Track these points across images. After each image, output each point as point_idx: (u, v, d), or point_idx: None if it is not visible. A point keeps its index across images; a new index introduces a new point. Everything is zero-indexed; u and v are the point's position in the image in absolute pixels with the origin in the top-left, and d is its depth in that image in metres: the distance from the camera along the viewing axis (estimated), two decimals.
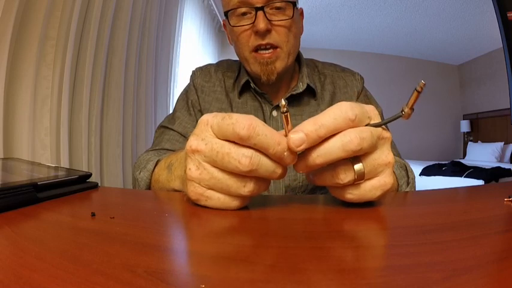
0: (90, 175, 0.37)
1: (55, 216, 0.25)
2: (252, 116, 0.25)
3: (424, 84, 0.25)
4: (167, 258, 0.17)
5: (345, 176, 0.26)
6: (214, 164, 0.26)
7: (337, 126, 0.25)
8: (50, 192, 0.30)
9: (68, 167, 0.66)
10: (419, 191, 0.39)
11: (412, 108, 0.27)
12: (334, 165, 0.27)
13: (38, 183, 0.29)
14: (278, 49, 0.56)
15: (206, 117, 0.27)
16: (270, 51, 0.56)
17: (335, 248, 0.19)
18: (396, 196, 0.38)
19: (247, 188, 0.26)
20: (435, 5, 3.15)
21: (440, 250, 0.18)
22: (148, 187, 0.48)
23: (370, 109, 0.27)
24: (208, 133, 0.26)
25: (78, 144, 1.13)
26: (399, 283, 0.14)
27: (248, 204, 0.28)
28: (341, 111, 0.25)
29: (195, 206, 0.28)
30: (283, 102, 0.26)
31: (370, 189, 0.27)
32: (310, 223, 0.25)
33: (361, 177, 0.26)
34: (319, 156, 0.25)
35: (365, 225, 0.25)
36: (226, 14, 0.58)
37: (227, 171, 0.26)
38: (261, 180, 0.27)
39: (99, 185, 0.37)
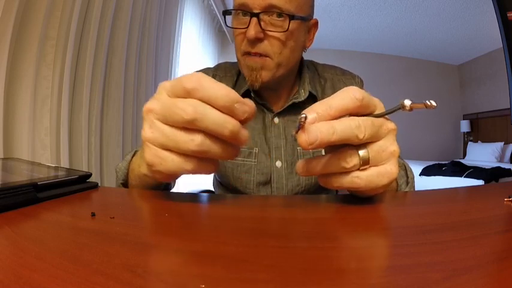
0: (90, 175, 0.37)
1: (55, 216, 0.25)
2: (200, 73, 0.26)
3: (435, 107, 0.25)
4: (167, 258, 0.17)
5: (350, 159, 0.27)
6: (165, 121, 0.26)
7: (345, 107, 0.26)
8: (50, 192, 0.30)
9: (68, 167, 0.66)
10: (419, 191, 0.39)
11: (411, 109, 0.27)
12: (339, 151, 0.27)
13: (38, 183, 0.29)
14: (268, 58, 0.54)
15: (164, 83, 0.28)
16: (258, 57, 0.54)
17: (335, 248, 0.19)
18: (396, 196, 0.38)
19: (195, 141, 0.26)
20: (435, 5, 3.16)
21: (440, 250, 0.18)
22: (126, 177, 0.46)
23: (377, 101, 0.29)
24: (163, 95, 0.27)
25: (78, 144, 1.13)
26: (399, 283, 0.14)
27: (210, 171, 0.28)
28: (348, 92, 0.26)
29: (195, 206, 0.28)
30: (303, 115, 0.26)
31: (377, 175, 0.27)
32: (310, 223, 0.25)
33: (365, 163, 0.27)
34: (335, 133, 0.25)
35: (365, 225, 0.25)
36: (224, 13, 0.57)
37: (176, 126, 0.26)
38: (212, 138, 0.26)
39: (99, 185, 0.37)
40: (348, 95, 0.26)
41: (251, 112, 0.27)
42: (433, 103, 0.25)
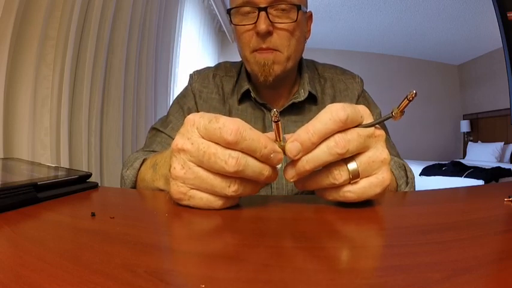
0: (90, 175, 0.37)
1: (55, 216, 0.25)
2: (238, 120, 0.26)
3: (416, 94, 0.25)
4: (167, 258, 0.17)
5: (340, 176, 0.27)
6: (200, 164, 0.26)
7: (329, 130, 0.26)
8: (50, 192, 0.30)
9: (68, 167, 0.66)
10: (419, 191, 0.39)
11: (402, 112, 0.27)
12: (328, 167, 0.27)
13: (38, 183, 0.29)
14: (278, 52, 0.55)
15: (193, 117, 0.27)
16: (270, 53, 0.55)
17: (335, 248, 0.19)
18: (396, 196, 0.38)
19: (232, 188, 0.26)
20: (435, 5, 3.15)
21: (440, 250, 0.18)
22: (134, 185, 0.48)
23: (362, 109, 0.28)
24: (195, 134, 0.26)
25: (78, 144, 1.13)
26: (399, 283, 0.14)
27: (233, 204, 0.28)
28: (331, 114, 0.26)
29: (194, 207, 0.28)
30: (275, 112, 0.27)
31: (369, 186, 0.27)
32: (311, 223, 0.25)
33: (356, 176, 0.27)
34: (308, 161, 0.26)
35: (365, 225, 0.25)
36: (229, 11, 0.57)
37: (212, 171, 0.26)
38: (248, 181, 0.27)
39: (99, 185, 0.37)
40: (331, 118, 0.26)
41: (281, 160, 0.28)
42: (413, 92, 0.25)
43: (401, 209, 0.31)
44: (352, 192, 0.27)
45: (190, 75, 0.69)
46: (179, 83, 2.20)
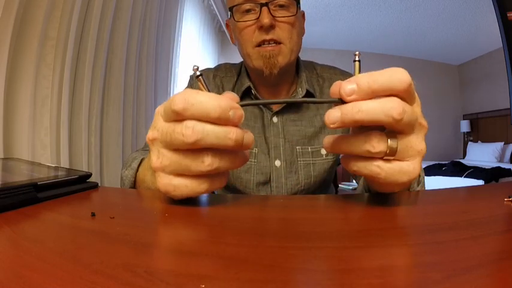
0: (90, 175, 0.37)
1: (55, 216, 0.25)
2: (188, 89, 0.25)
3: (359, 54, 0.24)
4: (167, 258, 0.17)
5: (377, 144, 0.25)
6: (169, 147, 0.26)
7: (391, 85, 0.24)
8: (50, 192, 0.30)
9: (68, 167, 0.66)
10: (419, 191, 0.39)
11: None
12: (368, 133, 0.25)
13: (38, 183, 0.29)
14: (281, 45, 0.57)
15: (158, 108, 0.28)
16: (273, 45, 0.56)
17: (335, 248, 0.19)
18: (396, 196, 0.38)
19: (206, 162, 0.25)
20: (435, 5, 3.16)
21: (440, 250, 0.18)
22: (133, 185, 0.48)
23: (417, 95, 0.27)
24: (160, 121, 0.27)
25: (78, 144, 1.13)
26: (399, 283, 0.14)
27: (220, 187, 0.28)
28: (398, 72, 0.24)
29: (195, 207, 0.28)
30: (194, 67, 0.27)
31: (399, 170, 0.26)
32: (310, 223, 0.25)
33: (392, 153, 0.25)
34: (361, 111, 0.23)
35: (364, 225, 0.25)
36: (231, 9, 0.58)
37: (181, 150, 0.26)
38: (221, 152, 0.26)
39: (99, 185, 0.37)
40: (396, 76, 0.24)
41: (243, 114, 0.26)
42: (357, 53, 0.25)
43: (400, 209, 0.31)
44: (381, 168, 0.25)
45: (190, 76, 0.69)
46: (179, 83, 2.20)
